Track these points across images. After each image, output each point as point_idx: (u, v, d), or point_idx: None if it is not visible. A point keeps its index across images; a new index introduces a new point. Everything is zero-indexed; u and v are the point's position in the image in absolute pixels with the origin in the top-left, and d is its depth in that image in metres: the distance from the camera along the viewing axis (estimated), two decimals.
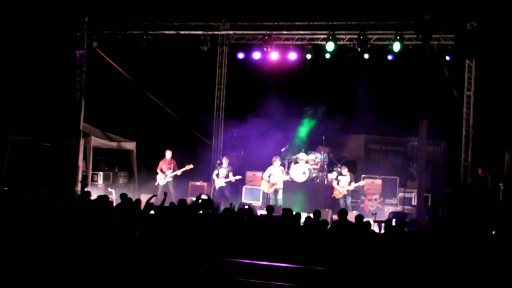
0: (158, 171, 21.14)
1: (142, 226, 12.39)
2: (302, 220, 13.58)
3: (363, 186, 21.24)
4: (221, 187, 21.16)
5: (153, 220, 12.71)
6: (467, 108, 20.82)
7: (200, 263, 11.17)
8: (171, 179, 21.02)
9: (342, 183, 20.39)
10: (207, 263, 11.18)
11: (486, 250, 11.58)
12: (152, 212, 13.43)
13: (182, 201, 14.24)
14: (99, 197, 15.15)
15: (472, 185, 20.04)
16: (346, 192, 20.32)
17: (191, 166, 21.19)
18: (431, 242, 11.68)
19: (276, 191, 21.02)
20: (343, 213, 13.60)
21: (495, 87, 22.42)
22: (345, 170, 20.54)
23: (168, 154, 21.27)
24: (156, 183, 21.15)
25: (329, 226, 13.28)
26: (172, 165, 21.12)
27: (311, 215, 13.81)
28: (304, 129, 23.46)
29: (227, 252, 11.63)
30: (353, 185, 20.44)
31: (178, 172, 21.06)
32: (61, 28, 21.46)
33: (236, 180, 21.31)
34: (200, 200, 14.47)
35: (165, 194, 15.30)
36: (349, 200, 20.43)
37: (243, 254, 11.52)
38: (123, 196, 14.67)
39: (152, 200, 14.46)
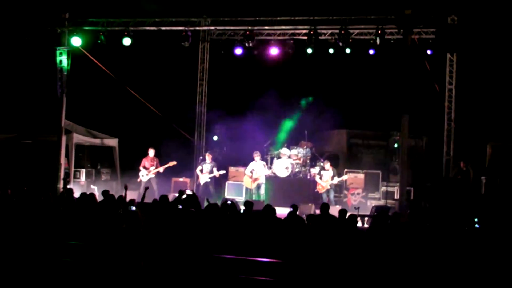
0: (141, 168, 21.05)
1: (123, 222, 12.35)
2: (281, 214, 13.60)
3: (346, 180, 21.27)
4: (206, 183, 21.12)
5: (134, 216, 12.67)
6: (448, 101, 20.92)
7: (181, 258, 11.16)
8: (153, 175, 20.94)
9: (324, 177, 20.38)
10: (188, 258, 11.17)
11: (468, 243, 11.65)
12: (133, 208, 13.39)
13: (164, 197, 14.20)
14: (82, 194, 15.12)
15: (454, 178, 20.15)
16: (329, 187, 20.32)
17: (174, 162, 21.09)
18: (411, 236, 11.73)
19: (258, 186, 21.02)
20: (324, 207, 13.63)
21: (476, 81, 22.57)
22: (327, 165, 20.54)
23: (151, 152, 21.18)
24: (138, 180, 21.07)
25: None
26: (155, 162, 21.04)
27: None
28: (287, 124, 23.51)
29: (208, 248, 11.63)
30: (336, 179, 20.43)
31: (161, 169, 20.95)
32: (41, 25, 21.32)
33: (220, 175, 21.31)
34: (184, 196, 14.45)
35: (146, 189, 15.28)
36: (332, 194, 20.44)
37: (224, 249, 11.53)
38: (105, 193, 14.61)
39: (128, 193, 14.42)
